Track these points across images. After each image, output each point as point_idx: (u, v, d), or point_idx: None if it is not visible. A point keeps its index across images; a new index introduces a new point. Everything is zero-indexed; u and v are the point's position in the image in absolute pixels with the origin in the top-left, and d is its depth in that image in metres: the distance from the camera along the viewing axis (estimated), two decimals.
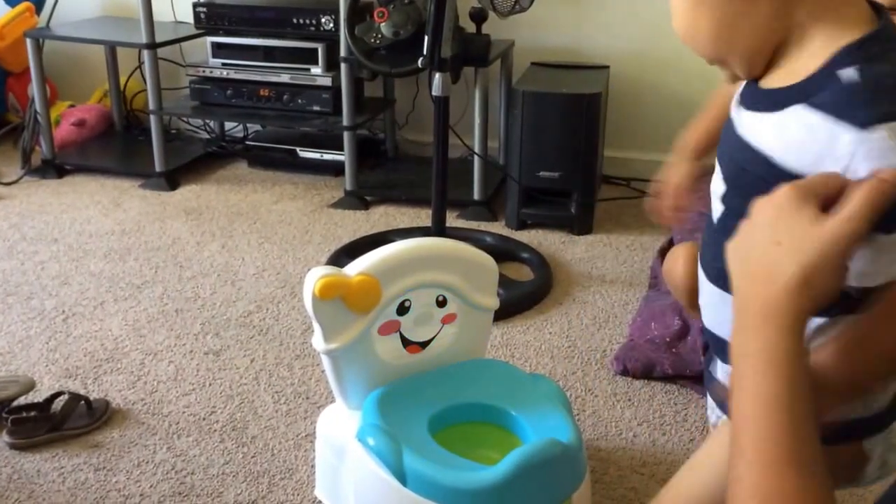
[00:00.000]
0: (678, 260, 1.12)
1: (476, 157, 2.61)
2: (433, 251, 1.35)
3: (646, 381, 1.79)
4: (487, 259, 1.37)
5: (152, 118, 2.82)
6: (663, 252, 2.32)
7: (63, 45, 3.11)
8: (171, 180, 2.86)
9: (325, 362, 1.33)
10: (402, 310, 1.34)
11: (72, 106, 3.23)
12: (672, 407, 1.72)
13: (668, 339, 1.79)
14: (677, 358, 1.77)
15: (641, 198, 2.83)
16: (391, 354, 1.35)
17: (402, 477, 1.20)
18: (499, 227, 2.58)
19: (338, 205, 2.73)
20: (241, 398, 1.72)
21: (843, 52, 0.76)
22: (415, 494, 1.14)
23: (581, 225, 2.54)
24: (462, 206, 2.65)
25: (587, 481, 1.26)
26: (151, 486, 1.47)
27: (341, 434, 1.33)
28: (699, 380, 1.76)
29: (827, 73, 0.76)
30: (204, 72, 2.91)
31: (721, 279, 0.88)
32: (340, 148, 2.76)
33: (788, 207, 0.72)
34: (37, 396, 1.68)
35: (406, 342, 1.36)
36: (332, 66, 2.79)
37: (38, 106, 2.89)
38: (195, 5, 2.88)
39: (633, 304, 2.11)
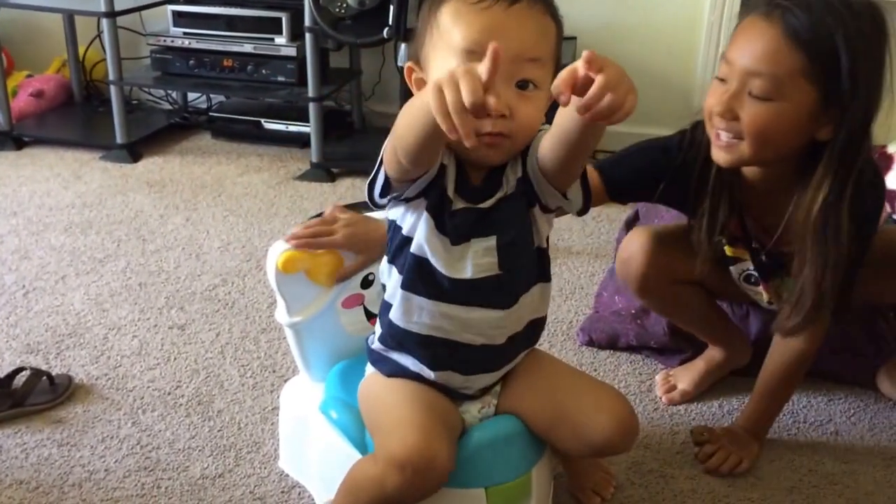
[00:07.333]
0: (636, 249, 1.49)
1: None
2: None
3: (611, 352, 1.81)
4: None
5: (112, 89, 2.77)
6: (629, 224, 2.33)
7: (19, 13, 3.03)
8: (133, 152, 2.82)
9: (289, 335, 1.33)
10: (367, 283, 1.34)
11: (29, 76, 3.16)
12: (637, 377, 1.74)
13: (633, 311, 1.81)
14: (642, 329, 1.79)
15: None
16: (355, 327, 1.35)
17: (363, 449, 1.20)
18: None
19: (304, 177, 2.71)
20: (206, 372, 1.71)
21: None
22: None
23: None
24: None
25: (548, 454, 1.27)
26: (116, 462, 1.46)
27: (305, 406, 1.33)
28: (663, 351, 1.79)
29: None
30: (165, 41, 2.86)
31: None
32: (306, 119, 2.73)
33: None
34: None
35: (370, 315, 1.35)
36: (296, 36, 2.75)
37: None
38: None
39: (600, 276, 2.12)
